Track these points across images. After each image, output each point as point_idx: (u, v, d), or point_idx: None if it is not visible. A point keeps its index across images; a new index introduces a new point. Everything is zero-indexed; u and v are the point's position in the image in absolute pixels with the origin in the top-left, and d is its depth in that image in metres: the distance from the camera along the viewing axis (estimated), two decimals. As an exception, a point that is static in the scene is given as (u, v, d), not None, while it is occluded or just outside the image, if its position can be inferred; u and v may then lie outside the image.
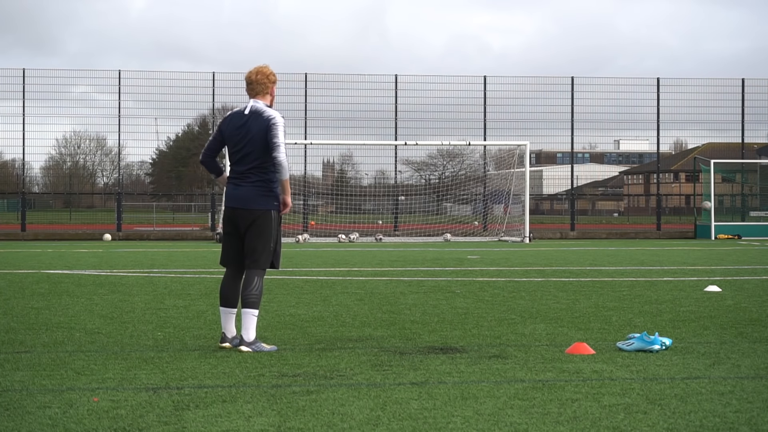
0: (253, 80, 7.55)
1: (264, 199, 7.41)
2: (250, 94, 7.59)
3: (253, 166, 7.40)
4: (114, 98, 34.11)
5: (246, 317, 7.29)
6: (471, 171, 40.84)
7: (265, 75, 7.56)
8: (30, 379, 6.03)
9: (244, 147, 7.40)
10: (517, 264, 17.87)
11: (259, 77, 7.54)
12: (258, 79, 7.54)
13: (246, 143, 7.39)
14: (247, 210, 7.40)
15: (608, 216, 67.11)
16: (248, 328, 7.26)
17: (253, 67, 7.63)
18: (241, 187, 7.43)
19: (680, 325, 8.75)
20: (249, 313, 7.30)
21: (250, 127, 7.39)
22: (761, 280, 14.07)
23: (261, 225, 7.41)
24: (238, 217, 7.44)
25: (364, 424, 4.85)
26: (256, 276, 7.40)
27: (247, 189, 7.40)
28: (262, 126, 7.37)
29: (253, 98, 7.55)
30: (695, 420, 4.98)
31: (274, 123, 7.36)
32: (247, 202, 7.39)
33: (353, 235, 30.72)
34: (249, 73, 7.59)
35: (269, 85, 7.58)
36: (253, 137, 7.36)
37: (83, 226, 37.65)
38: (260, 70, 7.58)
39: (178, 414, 5.05)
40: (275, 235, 7.51)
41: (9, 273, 15.21)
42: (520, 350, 7.23)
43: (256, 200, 7.39)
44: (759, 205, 38.51)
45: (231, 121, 7.53)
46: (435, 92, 35.33)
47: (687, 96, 35.63)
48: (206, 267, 16.93)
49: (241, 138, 7.41)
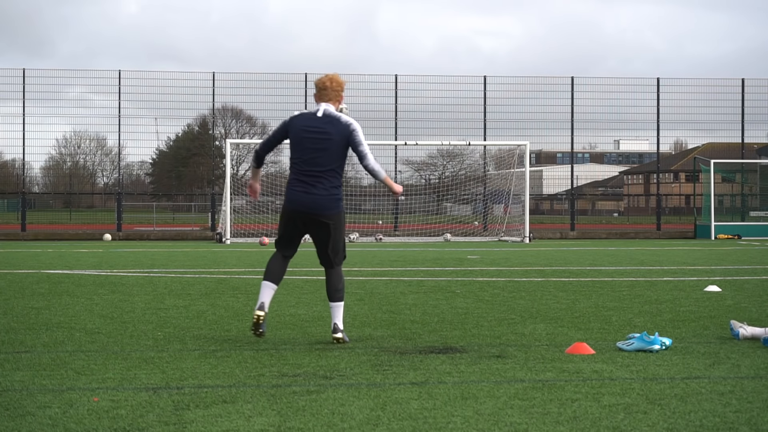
0: (328, 86, 7.75)
1: (336, 204, 7.63)
2: (321, 99, 7.75)
3: (325, 170, 7.56)
4: (114, 98, 34.14)
5: (338, 310, 7.63)
6: (471, 171, 40.84)
7: (339, 83, 7.81)
8: (30, 379, 6.03)
9: (319, 150, 7.53)
10: (517, 264, 17.87)
11: (334, 84, 7.77)
12: (333, 86, 7.76)
13: (322, 147, 7.53)
14: (324, 215, 7.59)
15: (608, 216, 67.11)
16: (341, 318, 7.65)
17: (324, 75, 7.84)
18: (314, 193, 7.56)
19: (680, 325, 8.75)
20: (340, 306, 7.67)
21: (329, 131, 7.55)
22: (761, 280, 14.07)
23: (337, 227, 7.67)
24: (310, 221, 7.62)
25: (364, 424, 4.85)
26: (338, 272, 7.76)
27: (321, 197, 7.56)
28: (341, 132, 7.55)
29: (324, 103, 7.72)
30: (695, 420, 4.98)
31: (354, 130, 7.59)
32: (324, 209, 7.57)
33: (353, 235, 30.73)
34: (322, 79, 7.80)
35: (341, 93, 7.83)
36: (332, 142, 7.54)
37: (83, 226, 37.65)
38: (334, 78, 7.82)
39: (178, 414, 5.05)
40: (343, 234, 7.84)
41: (9, 273, 15.21)
42: (520, 350, 7.23)
43: (330, 206, 7.59)
44: (759, 205, 38.53)
45: (302, 121, 7.65)
46: (435, 92, 35.35)
47: (687, 96, 35.65)
48: (206, 267, 16.93)
49: (317, 140, 7.55)
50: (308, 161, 7.56)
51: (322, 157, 7.54)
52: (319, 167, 7.54)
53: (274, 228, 32.10)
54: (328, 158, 7.55)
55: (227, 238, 29.73)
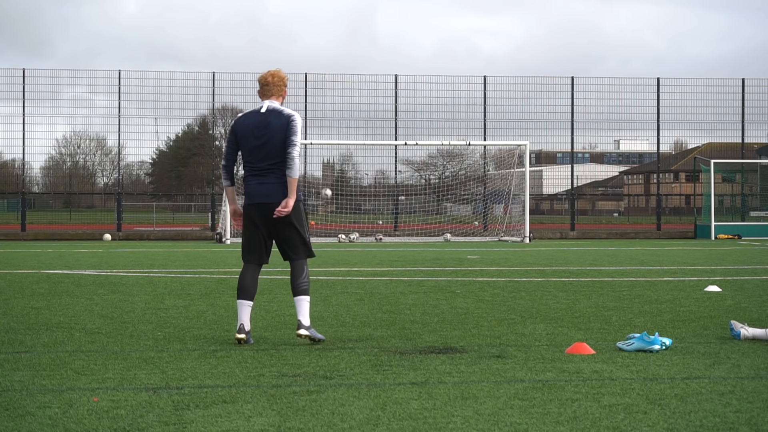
0: (270, 82, 7.80)
1: None
2: (264, 96, 7.81)
3: (275, 162, 7.60)
4: (114, 98, 34.14)
5: (302, 304, 7.61)
6: (471, 171, 40.84)
7: (281, 78, 7.84)
8: (30, 379, 6.03)
9: (265, 144, 7.60)
10: (517, 264, 17.87)
11: (276, 80, 7.81)
12: (275, 81, 7.80)
13: (267, 140, 7.60)
14: (277, 203, 7.58)
15: (608, 216, 67.10)
16: (305, 313, 7.60)
17: (266, 71, 7.87)
18: (266, 184, 7.63)
19: (680, 325, 8.75)
20: (305, 300, 7.63)
21: (271, 124, 7.61)
22: (761, 280, 14.07)
23: (293, 216, 7.64)
24: (268, 212, 7.62)
25: (364, 424, 4.85)
26: (303, 265, 7.73)
27: (273, 186, 7.61)
28: (283, 123, 7.60)
29: (267, 99, 7.78)
30: (695, 420, 4.98)
31: (294, 120, 7.62)
32: (276, 196, 7.58)
33: (353, 235, 30.72)
34: (264, 75, 7.84)
35: (284, 88, 7.86)
36: (275, 135, 7.58)
37: (83, 226, 37.65)
38: (276, 73, 7.85)
39: (178, 414, 5.05)
40: (306, 224, 7.80)
41: (9, 273, 15.21)
42: (520, 350, 7.23)
43: (284, 195, 7.58)
44: (759, 205, 38.52)
45: (247, 120, 7.73)
46: (435, 92, 35.34)
47: (687, 96, 35.64)
48: (206, 267, 16.93)
49: (261, 135, 7.61)
50: (257, 157, 7.64)
51: (269, 151, 7.60)
52: (269, 161, 7.61)
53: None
54: (275, 151, 7.59)
55: (227, 238, 29.74)
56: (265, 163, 7.61)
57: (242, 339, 7.49)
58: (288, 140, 7.57)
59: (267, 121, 7.61)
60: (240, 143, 7.73)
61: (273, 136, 7.57)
